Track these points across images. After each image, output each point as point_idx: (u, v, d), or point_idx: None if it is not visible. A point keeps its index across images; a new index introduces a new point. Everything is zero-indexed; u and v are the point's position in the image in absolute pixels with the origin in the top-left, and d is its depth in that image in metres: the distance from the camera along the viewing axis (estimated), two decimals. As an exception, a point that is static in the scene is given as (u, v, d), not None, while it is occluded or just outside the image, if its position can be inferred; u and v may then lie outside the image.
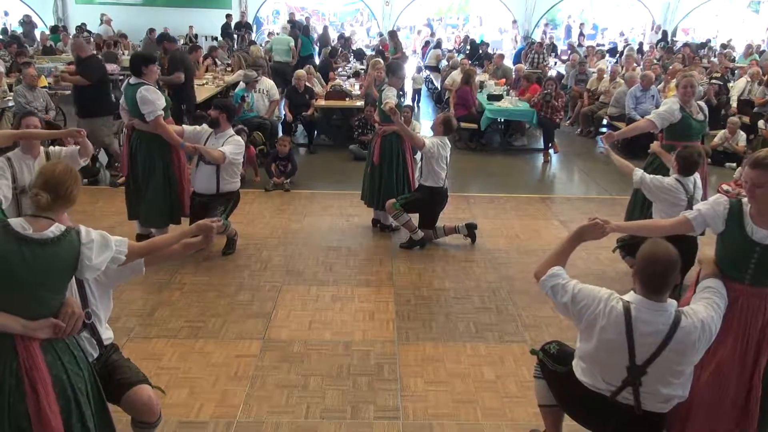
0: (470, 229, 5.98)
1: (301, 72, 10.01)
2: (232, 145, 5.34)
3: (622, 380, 2.55)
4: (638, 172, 4.69)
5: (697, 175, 4.67)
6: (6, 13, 19.90)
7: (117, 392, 2.76)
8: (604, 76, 11.67)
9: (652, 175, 4.68)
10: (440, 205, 5.93)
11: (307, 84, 9.75)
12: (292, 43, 13.12)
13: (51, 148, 4.43)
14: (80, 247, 2.29)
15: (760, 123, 9.07)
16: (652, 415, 2.62)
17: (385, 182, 6.04)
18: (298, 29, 14.11)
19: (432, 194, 5.77)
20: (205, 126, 5.52)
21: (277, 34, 14.34)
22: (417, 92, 13.83)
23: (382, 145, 6.04)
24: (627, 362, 2.51)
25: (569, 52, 16.05)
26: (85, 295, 2.67)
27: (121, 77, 11.90)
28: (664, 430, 2.75)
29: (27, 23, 18.01)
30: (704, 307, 2.56)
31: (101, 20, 17.72)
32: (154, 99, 5.10)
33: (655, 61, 13.08)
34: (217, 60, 12.88)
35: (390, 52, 13.86)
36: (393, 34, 14.89)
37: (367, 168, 6.26)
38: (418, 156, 6.04)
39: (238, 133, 5.77)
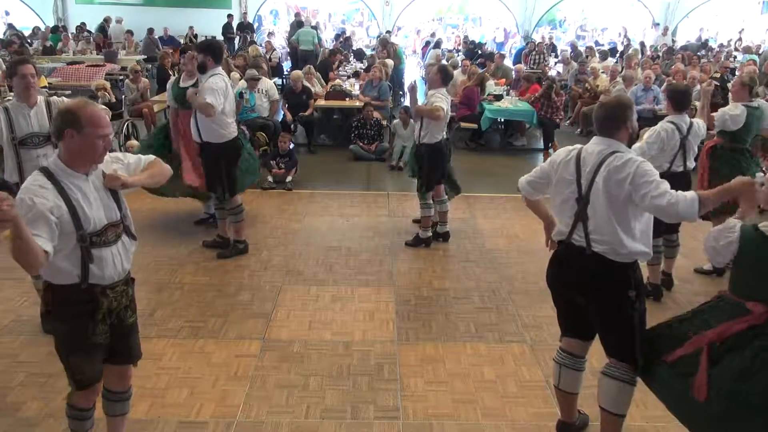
0: (440, 235, 5.97)
1: (297, 72, 10.00)
2: (209, 92, 4.96)
3: (575, 213, 2.90)
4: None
5: (693, 120, 4.70)
6: (7, 13, 19.90)
7: (118, 357, 2.84)
8: (600, 74, 11.68)
9: (643, 142, 4.58)
10: (445, 159, 5.79)
11: (305, 84, 9.74)
12: (315, 35, 15.80)
13: (54, 98, 4.24)
14: None
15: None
16: (602, 260, 2.84)
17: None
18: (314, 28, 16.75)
19: (433, 152, 5.62)
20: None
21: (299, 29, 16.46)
22: None
23: None
24: (576, 194, 2.89)
25: (571, 51, 16.06)
26: (118, 204, 2.68)
27: (121, 77, 11.93)
28: (631, 292, 2.86)
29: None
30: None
31: (103, 21, 17.70)
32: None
33: (652, 62, 13.06)
34: None
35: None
36: (385, 42, 14.84)
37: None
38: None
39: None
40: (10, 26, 17.93)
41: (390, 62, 11.38)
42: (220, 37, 16.95)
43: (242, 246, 5.60)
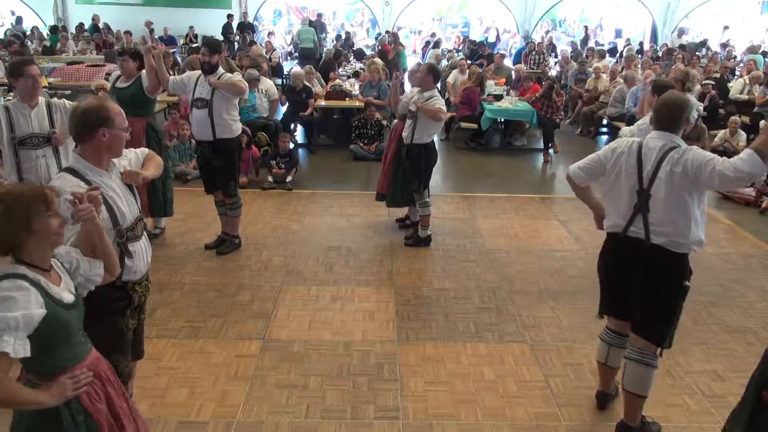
0: (415, 238, 5.93)
1: (298, 71, 10.00)
2: (234, 77, 5.27)
3: (634, 206, 3.01)
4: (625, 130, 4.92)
5: None
6: (12, 13, 19.92)
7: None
8: (602, 75, 11.67)
9: (634, 126, 4.79)
10: (435, 159, 5.85)
11: (306, 83, 9.74)
12: (315, 33, 16.41)
13: (55, 99, 4.20)
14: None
15: (762, 123, 9.06)
16: (661, 251, 2.96)
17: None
18: (314, 26, 17.39)
19: (427, 150, 5.67)
20: (187, 73, 5.54)
21: (301, 26, 17.44)
22: None
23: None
24: (637, 186, 3.00)
25: (571, 51, 16.05)
26: (135, 198, 2.72)
27: (121, 77, 11.92)
28: (686, 282, 3.01)
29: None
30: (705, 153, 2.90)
31: (92, 20, 17.66)
32: None
33: (652, 62, 13.06)
34: None
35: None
36: (396, 37, 15.05)
37: (398, 170, 5.88)
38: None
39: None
40: (17, 21, 17.96)
41: (379, 61, 11.33)
42: (219, 37, 16.97)
43: (237, 241, 5.70)
